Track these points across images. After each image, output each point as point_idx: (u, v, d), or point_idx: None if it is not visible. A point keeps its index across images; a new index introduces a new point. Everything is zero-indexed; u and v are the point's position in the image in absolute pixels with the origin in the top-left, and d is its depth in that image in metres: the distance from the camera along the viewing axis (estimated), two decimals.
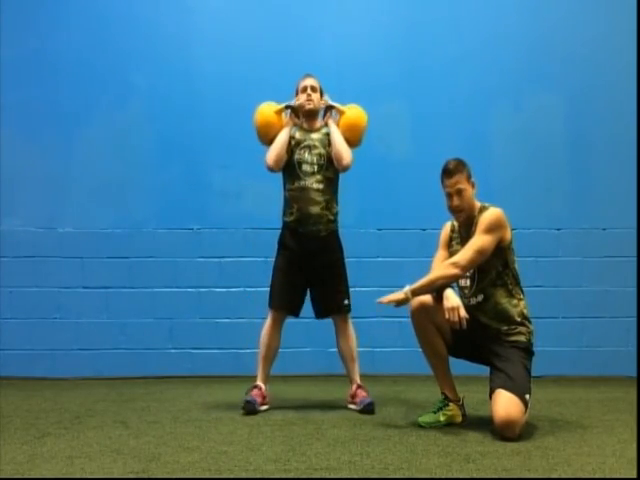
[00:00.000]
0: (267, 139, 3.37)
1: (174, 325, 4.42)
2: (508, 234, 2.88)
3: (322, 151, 3.34)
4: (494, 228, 2.82)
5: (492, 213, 2.85)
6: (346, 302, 3.35)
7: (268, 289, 3.38)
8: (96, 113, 4.50)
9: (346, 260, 3.43)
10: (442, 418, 2.88)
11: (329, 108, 3.44)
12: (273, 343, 3.32)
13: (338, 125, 3.39)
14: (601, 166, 4.45)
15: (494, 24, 4.50)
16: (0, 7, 4.49)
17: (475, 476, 2.18)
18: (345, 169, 3.35)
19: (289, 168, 3.34)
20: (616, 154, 4.44)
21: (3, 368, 4.33)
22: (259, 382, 3.30)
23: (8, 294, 4.42)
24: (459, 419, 2.94)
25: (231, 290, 4.42)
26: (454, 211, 2.92)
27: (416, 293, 2.81)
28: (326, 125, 3.42)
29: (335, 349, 3.43)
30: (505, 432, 2.63)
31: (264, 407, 3.26)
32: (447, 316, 2.72)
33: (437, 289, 2.84)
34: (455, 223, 3.04)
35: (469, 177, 2.92)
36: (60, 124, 4.48)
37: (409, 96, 4.49)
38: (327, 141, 3.35)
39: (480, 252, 2.80)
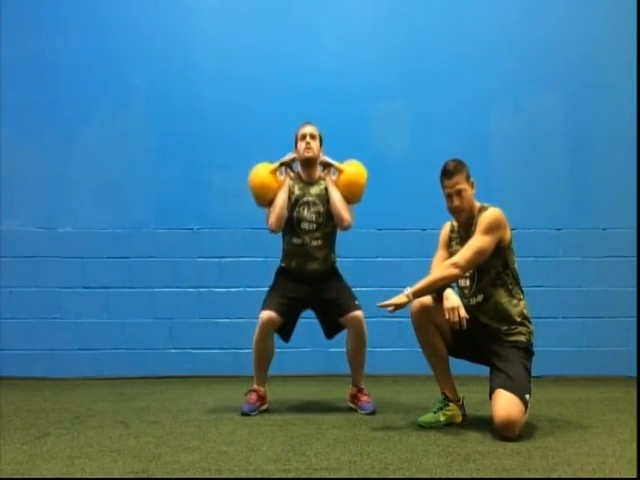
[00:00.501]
0: (265, 201, 3.31)
1: (174, 325, 4.42)
2: (508, 234, 2.88)
3: (321, 209, 3.30)
4: (493, 228, 2.82)
5: (491, 213, 2.85)
6: (356, 302, 3.29)
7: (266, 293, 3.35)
8: (96, 113, 4.50)
9: (346, 260, 3.43)
10: (442, 418, 2.88)
11: (327, 166, 3.36)
12: (266, 350, 3.25)
13: (337, 183, 3.31)
14: (601, 166, 4.45)
15: (494, 24, 4.50)
16: (0, 7, 4.49)
17: (475, 476, 2.18)
18: (346, 229, 3.32)
19: (287, 224, 3.30)
20: (616, 154, 4.44)
21: (3, 368, 4.34)
22: (256, 386, 3.28)
23: (8, 294, 4.42)
24: (459, 419, 2.94)
25: (231, 290, 4.42)
26: (454, 212, 2.92)
27: (417, 295, 2.81)
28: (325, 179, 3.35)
29: (335, 349, 3.43)
30: (505, 432, 2.63)
31: (264, 407, 3.27)
32: (447, 316, 2.73)
33: (437, 290, 2.84)
34: (454, 223, 3.03)
35: (468, 177, 2.92)
36: (60, 124, 4.49)
37: (409, 96, 4.49)
38: (326, 197, 3.31)
39: (479, 252, 2.80)
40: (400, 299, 2.78)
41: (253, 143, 4.35)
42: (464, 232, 2.95)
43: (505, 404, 2.65)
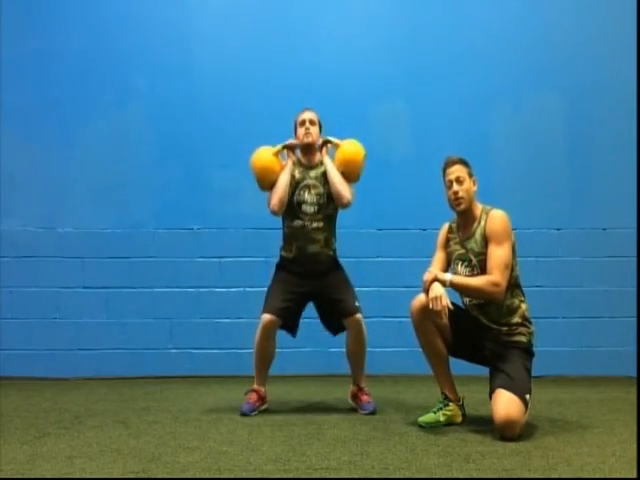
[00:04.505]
0: (267, 184, 3.30)
1: (174, 325, 4.42)
2: (513, 237, 2.89)
3: (321, 190, 3.29)
4: (508, 234, 2.83)
5: (501, 220, 2.84)
6: (357, 304, 3.28)
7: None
8: (96, 113, 4.50)
9: (346, 260, 3.42)
10: (442, 418, 2.88)
11: (325, 143, 3.37)
12: (268, 351, 3.25)
13: (335, 160, 3.32)
14: (601, 166, 4.45)
15: (494, 24, 4.50)
16: (0, 7, 4.49)
17: (475, 476, 2.19)
18: (346, 207, 3.30)
19: (288, 207, 3.29)
20: (616, 154, 4.44)
21: (3, 368, 4.33)
22: (256, 386, 3.28)
23: (8, 294, 4.41)
24: (459, 419, 2.94)
25: (231, 290, 4.42)
26: (454, 199, 2.90)
27: (455, 286, 2.80)
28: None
29: (335, 349, 3.43)
30: (505, 432, 2.63)
31: (263, 407, 3.27)
32: (430, 306, 2.72)
33: (468, 296, 2.88)
34: (453, 225, 3.03)
35: (470, 174, 2.93)
36: (60, 124, 4.48)
37: (409, 96, 4.48)
38: (325, 179, 3.30)
39: (508, 266, 2.81)
40: (439, 290, 2.74)
41: (253, 143, 4.33)
42: (463, 233, 2.95)
43: (505, 404, 2.65)
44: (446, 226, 3.07)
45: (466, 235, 2.93)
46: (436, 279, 2.77)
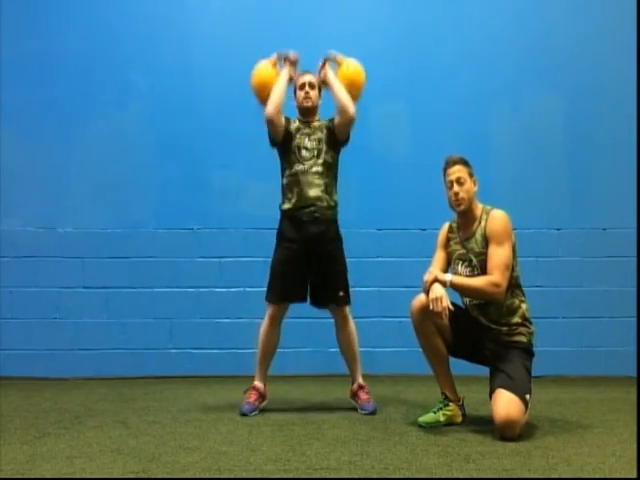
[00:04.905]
0: (266, 98, 3.31)
1: (174, 325, 4.42)
2: (513, 237, 2.89)
3: (321, 135, 3.31)
4: (508, 235, 2.84)
5: (502, 220, 2.85)
6: (341, 294, 3.27)
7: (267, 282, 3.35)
8: (96, 113, 4.49)
9: (346, 260, 3.42)
10: (442, 418, 2.88)
11: (325, 62, 3.39)
12: (272, 341, 3.29)
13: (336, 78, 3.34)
14: (601, 166, 4.45)
15: (494, 24, 4.49)
16: (0, 7, 4.49)
17: (475, 476, 2.19)
18: (350, 120, 3.27)
19: (288, 153, 3.31)
20: (616, 154, 4.44)
21: (3, 368, 4.33)
22: (257, 382, 3.29)
23: (8, 294, 4.41)
24: (459, 419, 2.94)
25: (231, 290, 4.42)
26: (454, 200, 2.90)
27: (455, 286, 2.80)
28: (323, 82, 3.38)
29: (336, 349, 3.43)
30: (505, 432, 2.63)
31: (263, 404, 3.27)
32: (431, 307, 2.72)
33: (468, 296, 2.88)
34: (453, 224, 3.03)
35: (471, 174, 2.93)
36: (60, 124, 4.48)
37: (409, 96, 4.48)
38: (325, 127, 3.33)
39: (509, 267, 2.81)
40: (439, 290, 2.74)
41: (253, 143, 4.34)
42: (463, 233, 2.96)
43: (505, 404, 2.66)
44: (446, 226, 3.07)
45: (466, 235, 2.93)
46: (436, 280, 2.77)
